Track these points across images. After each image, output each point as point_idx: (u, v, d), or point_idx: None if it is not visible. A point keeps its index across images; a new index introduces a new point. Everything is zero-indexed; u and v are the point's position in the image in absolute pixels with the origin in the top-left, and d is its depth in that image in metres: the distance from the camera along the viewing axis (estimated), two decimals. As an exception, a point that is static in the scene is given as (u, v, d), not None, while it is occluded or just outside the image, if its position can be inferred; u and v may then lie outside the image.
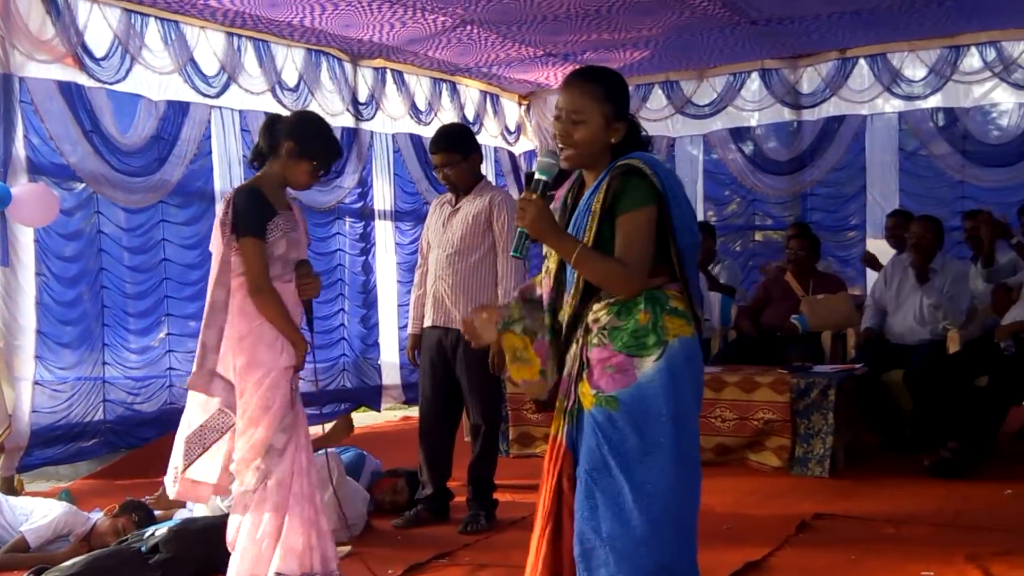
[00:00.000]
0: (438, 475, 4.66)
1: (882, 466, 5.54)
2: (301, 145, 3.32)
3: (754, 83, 8.44)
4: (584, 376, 2.50)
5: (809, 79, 8.27)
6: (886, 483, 5.12)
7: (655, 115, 8.79)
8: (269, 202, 3.29)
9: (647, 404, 2.42)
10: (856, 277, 7.95)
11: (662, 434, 2.41)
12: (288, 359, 3.28)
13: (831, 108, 8.21)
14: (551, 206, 2.58)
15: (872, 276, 7.29)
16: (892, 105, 8.05)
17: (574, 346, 2.56)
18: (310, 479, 3.33)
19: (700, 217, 8.53)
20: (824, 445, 5.32)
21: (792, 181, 8.36)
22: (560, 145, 2.57)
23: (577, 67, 3.06)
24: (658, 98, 8.78)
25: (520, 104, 9.46)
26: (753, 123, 8.62)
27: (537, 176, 2.54)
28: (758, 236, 8.73)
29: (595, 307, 2.53)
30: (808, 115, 8.33)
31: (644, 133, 2.66)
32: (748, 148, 8.60)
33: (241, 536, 3.24)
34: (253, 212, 3.25)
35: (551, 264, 2.65)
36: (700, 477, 2.53)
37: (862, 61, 7.99)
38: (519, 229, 2.53)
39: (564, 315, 2.60)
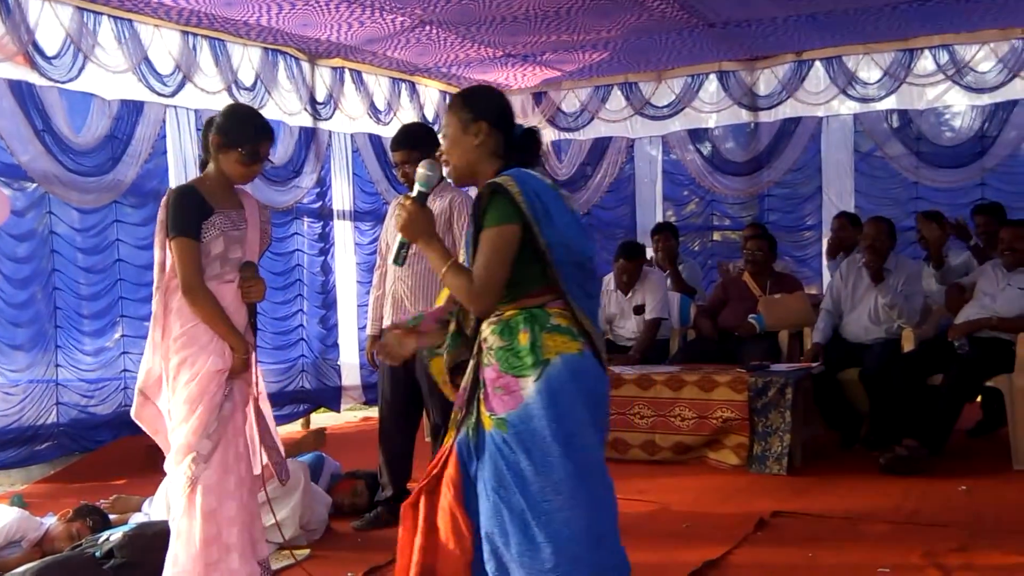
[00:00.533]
0: (398, 477, 4.64)
1: (839, 464, 5.60)
2: (224, 136, 3.25)
3: (712, 84, 8.51)
4: (480, 396, 2.52)
5: (766, 81, 8.36)
6: (843, 480, 5.18)
7: (614, 116, 8.86)
8: (206, 201, 3.22)
9: (533, 425, 2.42)
10: (812, 277, 8.06)
11: (550, 454, 2.40)
12: (220, 362, 3.16)
13: (788, 110, 8.31)
14: None
15: (827, 276, 7.38)
16: (847, 107, 8.16)
17: (472, 361, 2.58)
18: (239, 477, 3.23)
19: (659, 217, 8.61)
20: (782, 443, 5.37)
21: (749, 182, 8.44)
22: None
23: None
24: (617, 99, 8.84)
25: (480, 104, 9.44)
26: (711, 124, 8.70)
27: (417, 188, 2.63)
28: (716, 236, 8.81)
29: (483, 325, 2.56)
30: (765, 116, 8.42)
31: (538, 141, 2.69)
32: (706, 149, 8.68)
33: (172, 542, 3.17)
34: (184, 211, 3.17)
35: None
36: (610, 485, 2.51)
37: (818, 63, 8.09)
38: (399, 239, 2.63)
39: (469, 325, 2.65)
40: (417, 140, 4.57)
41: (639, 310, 6.58)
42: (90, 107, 6.15)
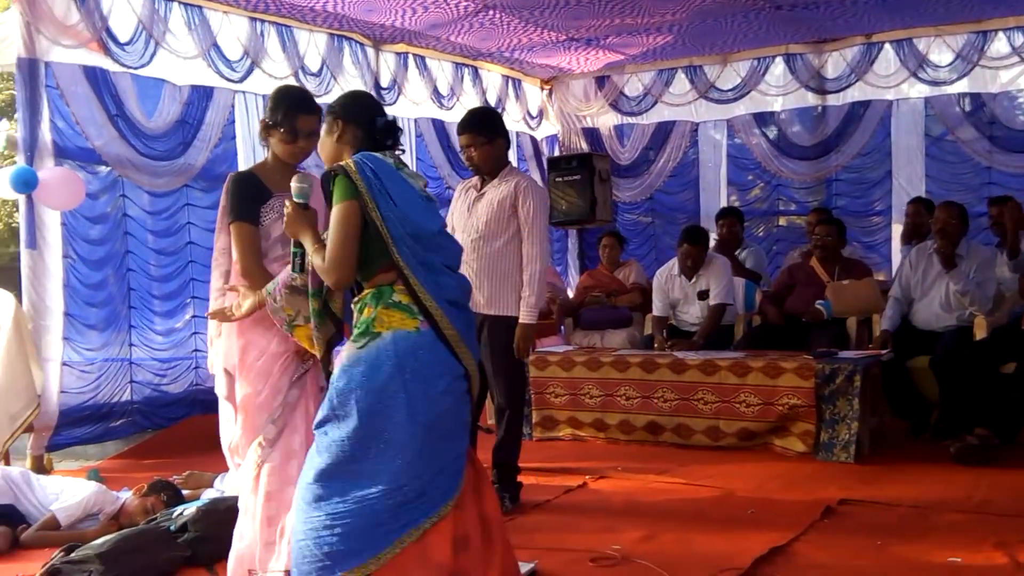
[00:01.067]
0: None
1: (908, 452, 5.51)
2: (269, 118, 3.32)
3: (778, 68, 8.38)
4: None
5: (834, 64, 8.21)
6: (912, 469, 5.10)
7: (678, 100, 8.78)
8: (264, 185, 3.26)
9: (341, 385, 2.67)
10: (881, 263, 7.91)
11: (350, 412, 2.64)
12: (283, 344, 3.16)
13: (856, 93, 8.15)
14: None
15: (897, 262, 7.25)
16: (918, 90, 7.98)
17: None
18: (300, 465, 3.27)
19: (723, 202, 8.53)
20: (849, 431, 5.30)
21: (816, 166, 8.31)
22: None
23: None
24: (681, 83, 8.75)
25: (543, 89, 9.44)
26: (777, 108, 8.57)
27: (295, 199, 2.91)
28: (782, 221, 8.70)
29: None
30: (833, 100, 8.27)
31: (395, 129, 2.93)
32: (772, 133, 8.55)
33: (240, 518, 3.23)
34: (241, 197, 3.22)
35: None
36: (399, 464, 2.62)
37: (888, 46, 7.91)
38: (292, 245, 2.91)
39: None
40: (481, 125, 4.59)
41: (703, 295, 6.53)
42: (161, 93, 6.27)
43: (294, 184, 2.91)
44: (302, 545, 2.66)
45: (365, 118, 2.89)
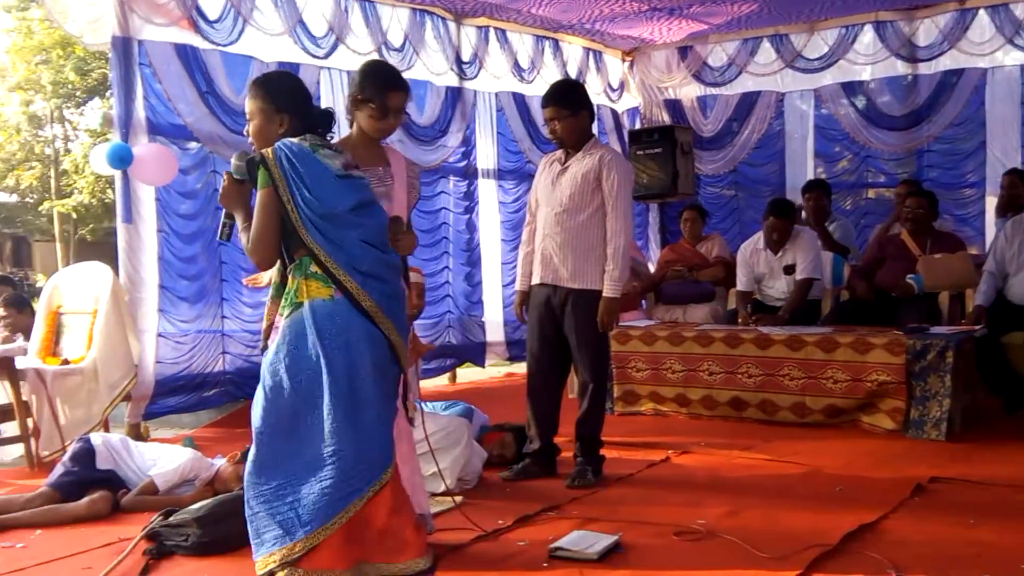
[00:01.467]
0: (546, 430, 4.71)
1: (1002, 430, 5.38)
2: (359, 93, 3.37)
3: (867, 35, 8.14)
4: None
5: (926, 31, 7.93)
6: (1006, 447, 4.97)
7: (763, 69, 8.61)
8: None
9: (273, 357, 2.82)
10: (975, 236, 7.66)
11: (280, 383, 2.79)
12: None
13: (948, 61, 7.88)
14: None
15: (991, 235, 7.03)
16: (1013, 58, 7.68)
17: None
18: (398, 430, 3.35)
19: (809, 174, 8.35)
20: (941, 408, 5.18)
21: (907, 137, 8.07)
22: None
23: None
24: (767, 52, 8.57)
25: (624, 60, 9.35)
26: (866, 77, 8.34)
27: (236, 177, 2.94)
28: (870, 193, 8.47)
29: None
30: (924, 68, 8.00)
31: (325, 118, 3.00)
32: (861, 103, 8.33)
33: None
34: None
35: None
36: (329, 428, 2.75)
37: (982, 12, 7.62)
38: (223, 215, 2.96)
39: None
40: (565, 97, 4.58)
41: (789, 270, 6.43)
42: (249, 69, 6.37)
43: (234, 160, 2.96)
44: (257, 516, 2.79)
45: (304, 108, 2.99)
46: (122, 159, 5.52)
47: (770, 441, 5.25)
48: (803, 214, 7.21)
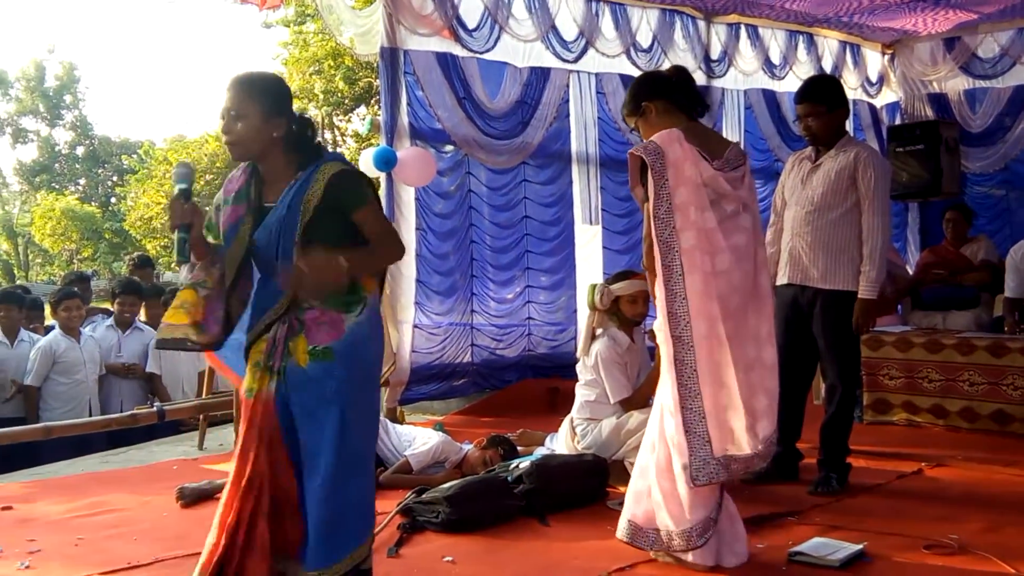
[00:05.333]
0: (788, 435, 4.60)
1: None
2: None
3: None
4: (301, 335, 2.78)
5: None
6: None
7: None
8: None
9: (356, 349, 2.78)
10: None
11: (367, 373, 2.86)
12: None
13: None
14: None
15: None
16: None
17: (274, 321, 2.82)
18: None
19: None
20: None
21: None
22: (224, 139, 2.82)
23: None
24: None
25: (884, 53, 8.93)
26: None
27: (177, 187, 2.85)
28: None
29: None
30: None
31: (312, 133, 2.88)
32: None
33: None
34: None
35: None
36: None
37: None
38: (176, 234, 2.82)
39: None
40: (822, 93, 4.48)
41: (1065, 275, 5.93)
42: (503, 75, 6.67)
43: (176, 169, 2.94)
44: (346, 515, 2.76)
45: (287, 109, 2.89)
46: (387, 162, 5.93)
47: (1011, 453, 4.88)
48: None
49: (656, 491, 3.35)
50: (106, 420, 5.62)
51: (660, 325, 3.37)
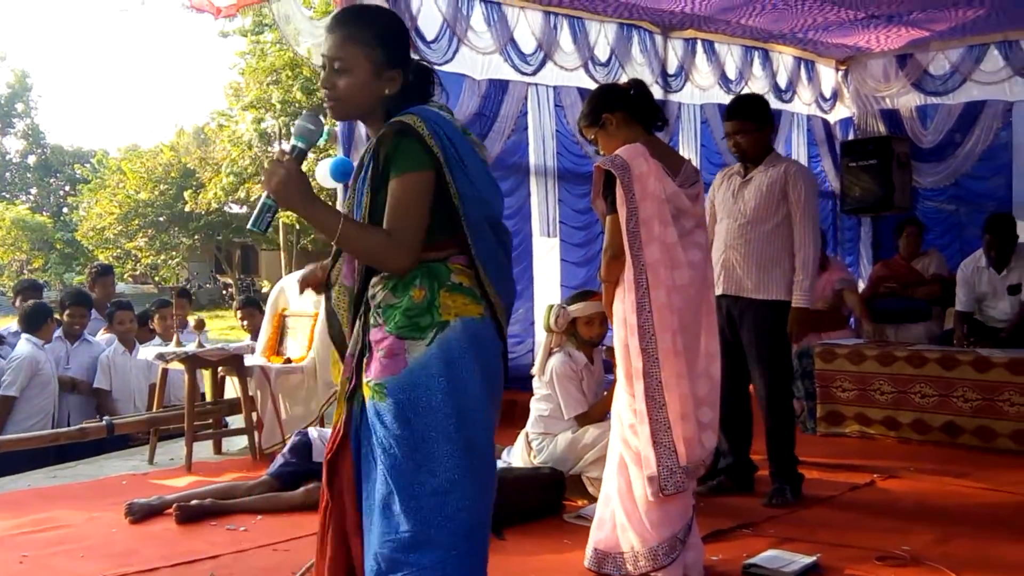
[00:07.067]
0: (736, 443, 4.66)
1: None
2: None
3: (1112, 39, 7.54)
4: (365, 356, 2.24)
5: None
6: None
7: (990, 78, 8.11)
8: None
9: (417, 394, 2.13)
10: None
11: (433, 428, 2.13)
12: None
13: None
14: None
15: None
16: None
17: (357, 323, 2.30)
18: None
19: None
20: None
21: None
22: (325, 97, 2.27)
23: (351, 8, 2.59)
24: (994, 59, 8.06)
25: (837, 70, 9.06)
26: (1109, 84, 7.71)
27: (292, 142, 2.24)
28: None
29: (373, 281, 2.26)
30: None
31: (435, 83, 2.36)
32: (1101, 112, 7.71)
33: None
34: None
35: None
36: (492, 476, 2.26)
37: None
38: (262, 199, 2.23)
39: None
40: (752, 111, 4.57)
41: (1014, 290, 6.04)
42: (462, 87, 6.64)
43: (301, 122, 2.26)
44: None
45: (409, 60, 2.32)
46: (345, 172, 5.87)
47: (986, 469, 4.94)
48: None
49: (620, 514, 3.37)
50: (54, 434, 5.50)
51: (620, 338, 3.38)
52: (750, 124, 4.51)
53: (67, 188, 40.46)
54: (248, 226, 2.31)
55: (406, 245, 2.15)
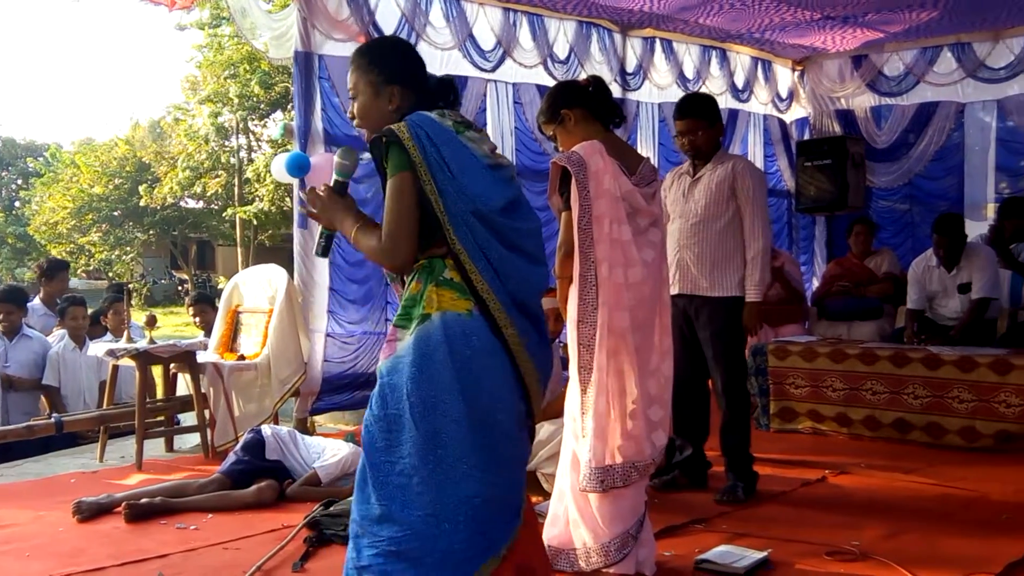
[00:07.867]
0: (693, 436, 4.70)
1: None
2: None
3: (1060, 43, 7.67)
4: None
5: None
6: None
7: (943, 79, 8.24)
8: None
9: (394, 379, 2.32)
10: None
11: (403, 413, 2.29)
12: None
13: None
14: None
15: None
16: None
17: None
18: None
19: (990, 190, 7.94)
20: None
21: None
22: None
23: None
24: (947, 61, 8.20)
25: (794, 70, 9.14)
26: (1057, 87, 7.85)
27: (334, 176, 2.59)
28: (1058, 210, 7.94)
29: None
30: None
31: (452, 94, 2.60)
32: (1050, 114, 7.84)
33: None
34: None
35: None
36: (468, 471, 2.29)
37: None
38: (320, 231, 2.59)
39: None
40: (703, 109, 4.58)
41: (964, 288, 6.13)
42: (419, 82, 6.61)
43: (339, 160, 2.60)
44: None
45: (418, 79, 2.56)
46: (301, 167, 5.83)
47: (935, 465, 5.02)
48: (986, 230, 6.85)
49: (573, 510, 3.38)
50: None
51: (572, 335, 3.38)
52: (703, 122, 4.53)
53: (19, 182, 39.71)
54: (315, 253, 2.80)
55: (394, 245, 2.36)
